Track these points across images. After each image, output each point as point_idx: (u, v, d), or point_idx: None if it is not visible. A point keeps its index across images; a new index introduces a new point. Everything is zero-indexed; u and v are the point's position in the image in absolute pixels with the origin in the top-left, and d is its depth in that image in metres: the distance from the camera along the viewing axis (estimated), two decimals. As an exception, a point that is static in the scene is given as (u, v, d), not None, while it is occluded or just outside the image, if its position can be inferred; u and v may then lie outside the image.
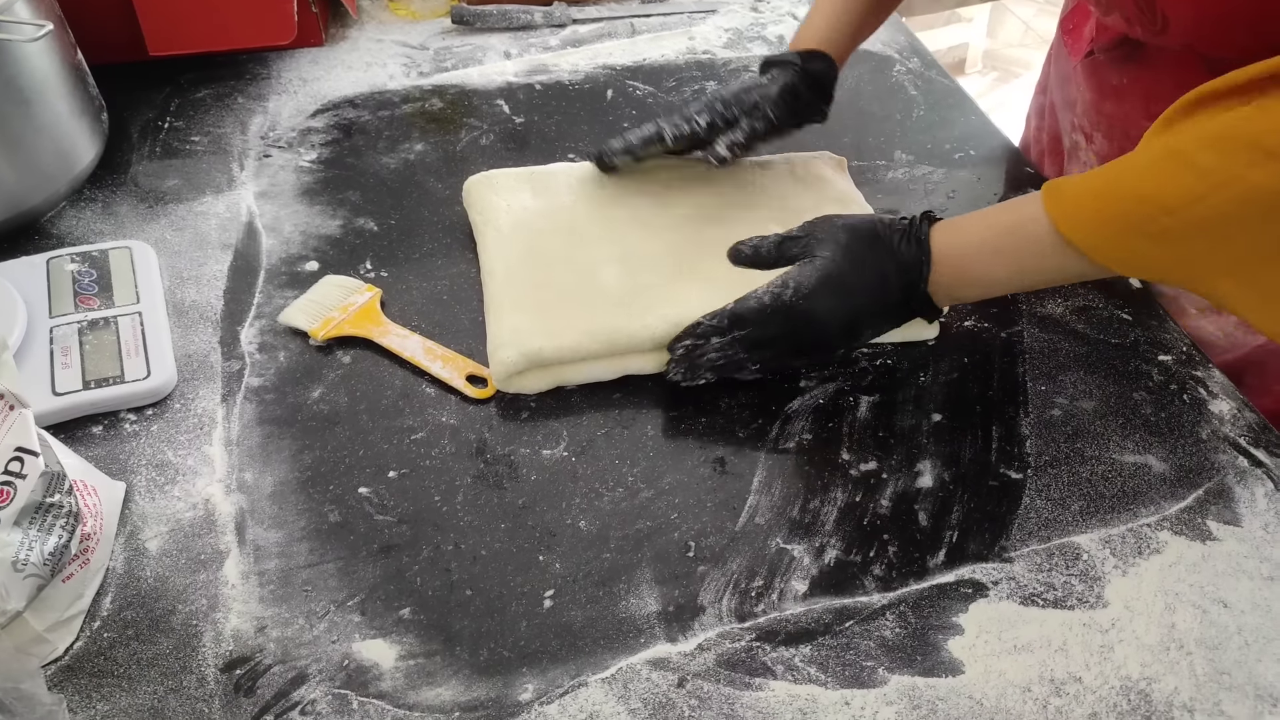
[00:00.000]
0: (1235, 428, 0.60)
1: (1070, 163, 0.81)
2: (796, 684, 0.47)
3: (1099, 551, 0.53)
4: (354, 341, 0.63)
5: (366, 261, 0.69)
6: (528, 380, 0.60)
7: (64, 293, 0.62)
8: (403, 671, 0.47)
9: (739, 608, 0.50)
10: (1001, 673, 0.48)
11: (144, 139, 0.80)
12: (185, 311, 0.65)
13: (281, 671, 0.47)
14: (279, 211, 0.73)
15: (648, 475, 0.56)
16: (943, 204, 0.76)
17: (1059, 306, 0.67)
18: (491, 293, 0.64)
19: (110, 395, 0.57)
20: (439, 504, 0.55)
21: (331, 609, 0.50)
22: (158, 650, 0.48)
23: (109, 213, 0.72)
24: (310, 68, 0.89)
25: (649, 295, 0.63)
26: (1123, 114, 0.72)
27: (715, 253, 0.62)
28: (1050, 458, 0.58)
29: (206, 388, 0.60)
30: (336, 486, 0.55)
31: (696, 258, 0.65)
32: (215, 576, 0.51)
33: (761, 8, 1.00)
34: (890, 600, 0.51)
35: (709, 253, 0.64)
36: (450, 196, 0.75)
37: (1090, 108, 0.76)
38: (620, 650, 0.49)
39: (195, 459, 0.56)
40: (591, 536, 0.53)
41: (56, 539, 0.46)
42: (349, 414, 0.59)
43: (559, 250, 0.66)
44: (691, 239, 0.67)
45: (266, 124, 0.82)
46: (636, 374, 0.61)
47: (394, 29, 0.95)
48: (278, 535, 0.53)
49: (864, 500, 0.55)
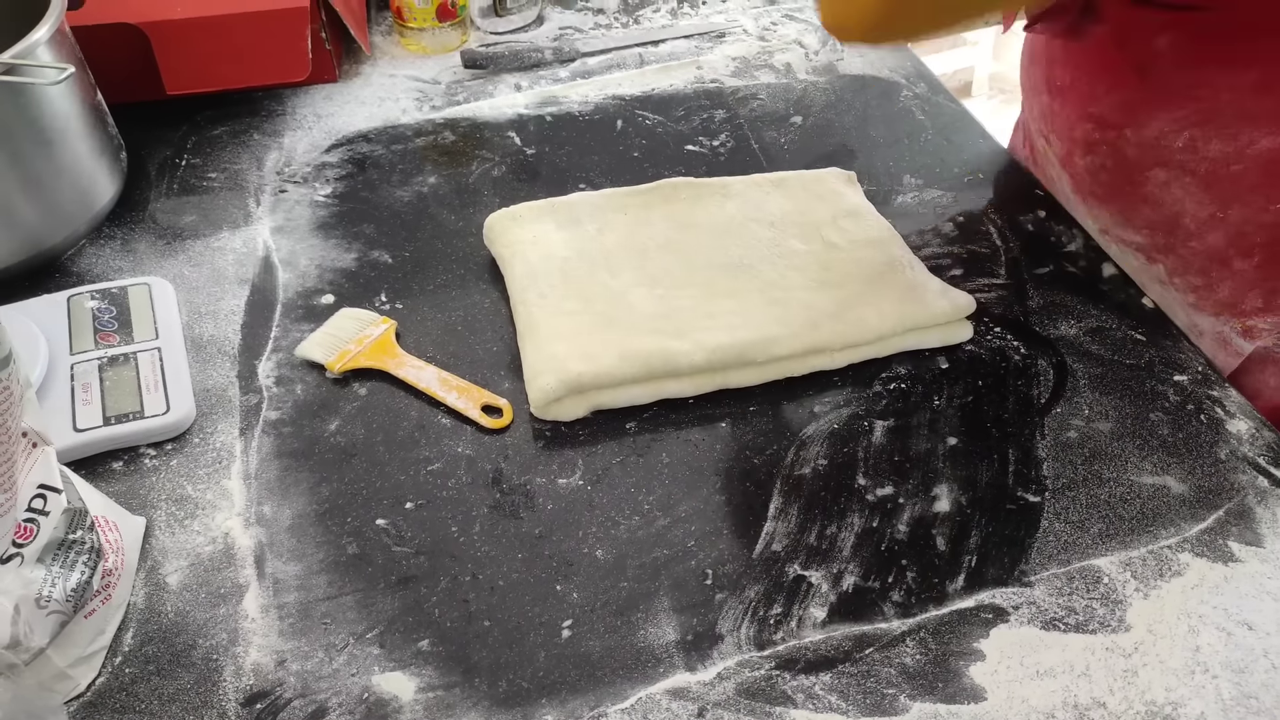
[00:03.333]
0: (1254, 447, 0.60)
1: (1045, 166, 0.82)
2: (817, 712, 0.47)
3: (1120, 574, 0.53)
4: (370, 374, 0.63)
5: (381, 294, 0.70)
6: (565, 407, 0.60)
7: (84, 330, 0.63)
8: (422, 704, 0.47)
9: (758, 636, 0.50)
10: (1024, 699, 0.48)
11: (162, 176, 0.81)
12: (203, 346, 0.66)
13: (302, 705, 0.47)
14: (295, 246, 0.74)
15: (663, 503, 0.56)
16: (953, 228, 0.77)
17: (1072, 328, 0.67)
18: (525, 322, 0.64)
19: (130, 431, 0.58)
20: (456, 535, 0.55)
21: (351, 641, 0.50)
22: (179, 685, 0.48)
23: (128, 250, 0.73)
24: (324, 103, 0.90)
25: (682, 317, 0.63)
26: (1067, 113, 0.74)
27: (742, 269, 0.63)
28: (1068, 480, 0.58)
29: (225, 422, 0.61)
30: (354, 519, 0.55)
31: (724, 276, 0.66)
32: (235, 610, 0.51)
33: (769, 36, 1.01)
34: (910, 626, 0.51)
35: (736, 270, 0.66)
36: (463, 228, 0.75)
37: (1046, 110, 0.77)
38: (639, 680, 0.48)
39: (214, 493, 0.56)
40: (609, 565, 0.53)
41: (79, 575, 0.46)
42: (366, 446, 0.59)
43: (589, 277, 0.67)
44: (717, 259, 0.68)
45: (282, 160, 0.83)
46: (673, 397, 0.62)
47: (406, 64, 0.96)
48: (297, 568, 0.53)
49: (881, 526, 0.55)
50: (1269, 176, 0.62)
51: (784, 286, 0.66)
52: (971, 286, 0.70)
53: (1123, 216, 0.73)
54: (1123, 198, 0.72)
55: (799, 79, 0.94)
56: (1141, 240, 0.71)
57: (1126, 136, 0.69)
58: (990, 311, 0.69)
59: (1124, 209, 0.73)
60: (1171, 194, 0.67)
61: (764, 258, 0.68)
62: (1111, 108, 0.70)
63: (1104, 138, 0.71)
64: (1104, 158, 0.72)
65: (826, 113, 0.90)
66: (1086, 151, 0.73)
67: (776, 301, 0.65)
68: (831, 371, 0.64)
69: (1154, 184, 0.68)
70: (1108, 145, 0.71)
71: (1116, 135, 0.70)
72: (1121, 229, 0.73)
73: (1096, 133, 0.71)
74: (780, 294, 0.65)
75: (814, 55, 0.98)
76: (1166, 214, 0.68)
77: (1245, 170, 0.62)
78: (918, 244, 0.73)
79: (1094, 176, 0.74)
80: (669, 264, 0.68)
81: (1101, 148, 0.71)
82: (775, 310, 0.64)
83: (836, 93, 0.93)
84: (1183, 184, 0.66)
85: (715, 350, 0.61)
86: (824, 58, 0.98)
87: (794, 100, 0.91)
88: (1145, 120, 0.67)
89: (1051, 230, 0.76)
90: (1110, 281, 0.71)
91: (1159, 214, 0.69)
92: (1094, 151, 0.72)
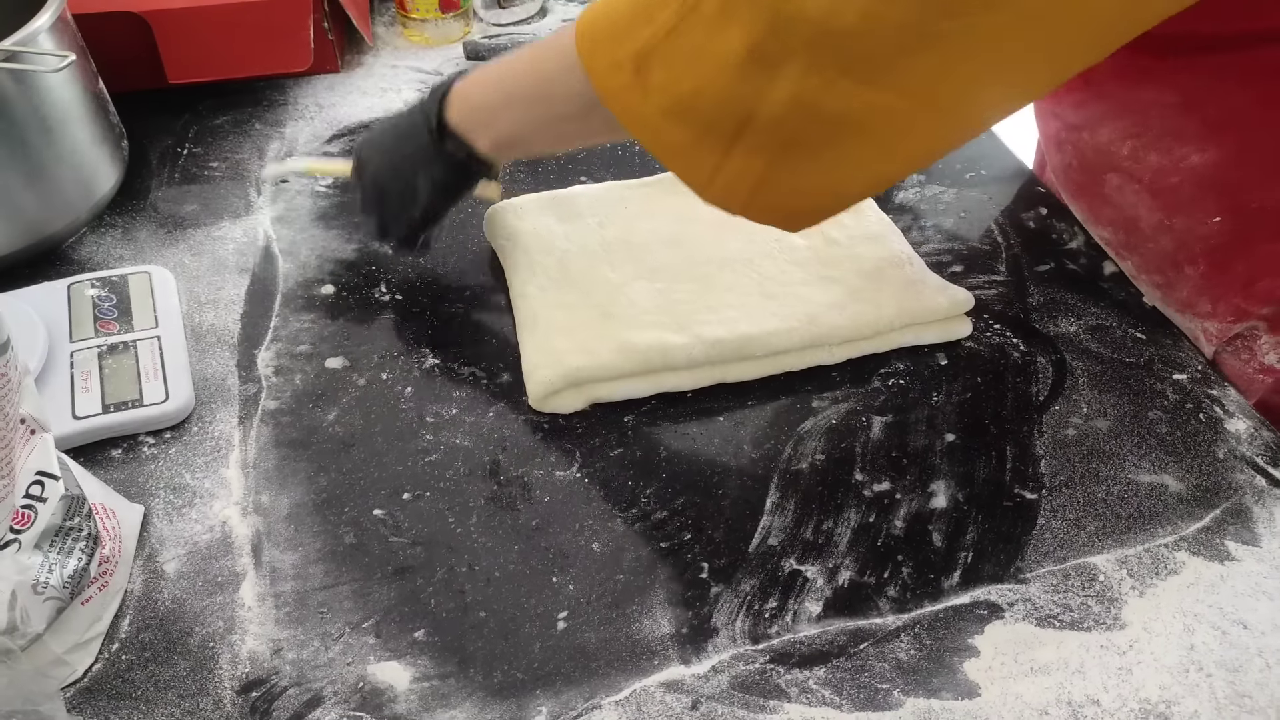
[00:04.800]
0: (1253, 447, 0.60)
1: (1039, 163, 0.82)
2: (811, 706, 0.47)
3: (1116, 572, 0.53)
4: (368, 363, 0.63)
5: (381, 285, 0.70)
6: (563, 400, 0.60)
7: (84, 318, 0.63)
8: (417, 694, 0.47)
9: (753, 629, 0.50)
10: (1018, 695, 0.48)
11: (163, 165, 0.81)
12: (203, 335, 0.66)
13: (297, 694, 0.47)
14: (295, 236, 0.74)
15: (660, 496, 0.56)
16: (954, 224, 0.76)
17: (1072, 325, 0.67)
18: (525, 314, 0.64)
19: (129, 419, 0.58)
20: (453, 526, 0.55)
21: (347, 631, 0.50)
22: (175, 672, 0.48)
23: (128, 238, 0.74)
24: (326, 94, 0.90)
25: (681, 311, 0.63)
26: (1042, 110, 0.74)
27: (742, 264, 0.63)
28: (1065, 478, 0.58)
29: (224, 411, 0.61)
30: (352, 509, 0.55)
31: (724, 271, 0.67)
32: (232, 599, 0.51)
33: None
34: (905, 622, 0.51)
35: (736, 264, 0.66)
36: (463, 220, 0.75)
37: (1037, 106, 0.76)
38: (634, 672, 0.48)
39: (212, 481, 0.57)
40: (605, 558, 0.53)
41: (76, 562, 0.47)
42: (364, 436, 0.59)
43: (589, 270, 0.67)
44: (717, 253, 0.68)
45: (283, 149, 0.83)
46: (671, 391, 0.62)
47: (408, 55, 0.96)
48: (294, 557, 0.53)
49: (877, 521, 0.55)
50: (1202, 191, 0.62)
51: (783, 281, 0.66)
52: (972, 283, 0.70)
53: (1091, 213, 0.74)
54: (1089, 195, 0.73)
55: (802, 74, 0.94)
56: (1108, 236, 0.72)
57: (1084, 139, 0.70)
58: (990, 308, 0.69)
59: (1091, 205, 0.73)
60: (1125, 198, 0.68)
61: (764, 252, 0.68)
62: (1070, 108, 0.70)
63: (1069, 137, 0.72)
64: (1070, 156, 0.73)
65: (829, 108, 0.90)
66: (1058, 149, 0.74)
67: (775, 296, 0.65)
68: (830, 367, 0.64)
69: (1110, 187, 0.69)
70: (1072, 145, 0.72)
71: (1077, 136, 0.70)
72: (1092, 225, 0.74)
73: (1064, 132, 0.72)
74: (779, 289, 0.65)
75: (817, 50, 0.98)
76: (1125, 215, 0.69)
77: (1182, 183, 0.62)
78: (918, 240, 0.73)
79: (1065, 173, 0.75)
80: (669, 258, 0.68)
81: (1068, 146, 0.72)
82: (774, 305, 0.64)
83: (839, 88, 0.92)
84: (1133, 189, 0.66)
85: (714, 344, 0.61)
86: (827, 52, 0.98)
87: (797, 95, 0.91)
88: (1096, 126, 0.68)
89: (1053, 228, 0.76)
90: (1111, 280, 0.71)
91: (1119, 215, 0.69)
92: (1062, 150, 0.73)
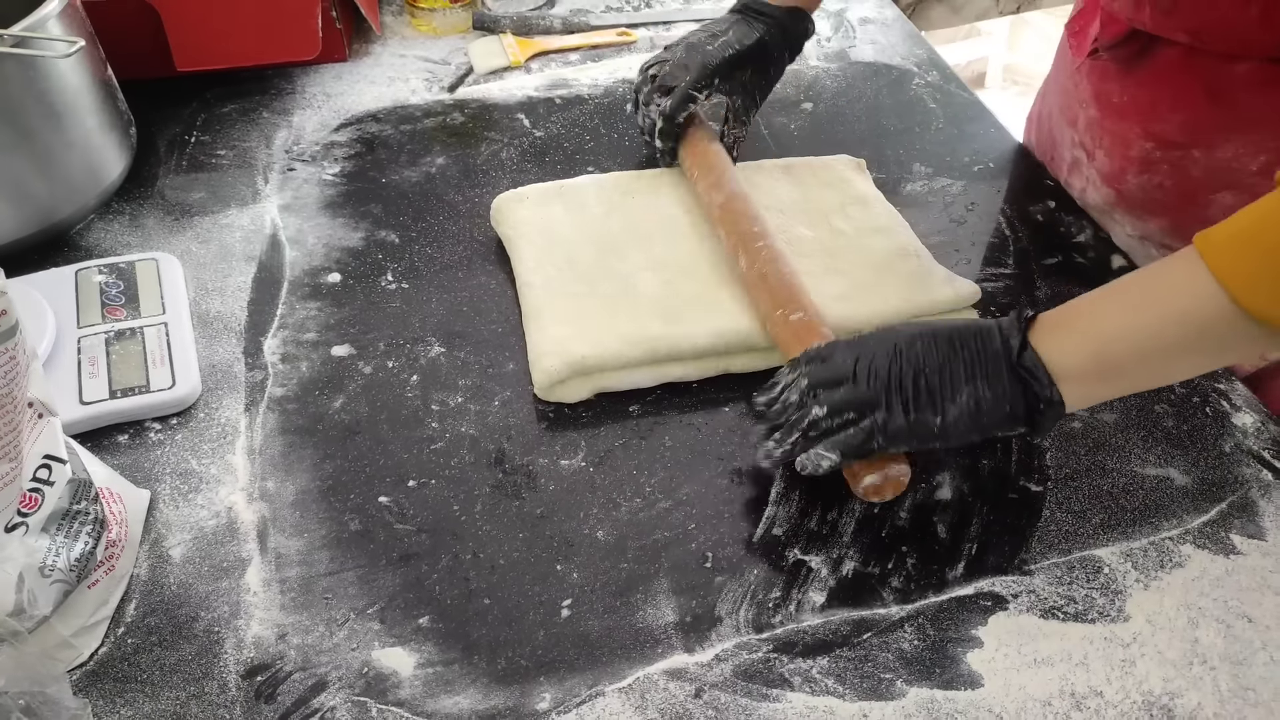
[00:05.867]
0: (1259, 441, 0.59)
1: (1071, 175, 0.81)
2: (814, 695, 0.47)
3: (1120, 565, 0.53)
4: (374, 351, 0.64)
5: (388, 274, 0.70)
6: (569, 389, 0.60)
7: (92, 304, 0.63)
8: (421, 679, 0.48)
9: (756, 619, 0.50)
10: (1022, 686, 0.48)
11: (171, 153, 0.81)
12: (210, 322, 0.66)
13: (302, 678, 0.47)
14: (302, 224, 0.74)
15: (665, 486, 0.57)
16: (962, 215, 0.76)
17: (1079, 319, 0.67)
18: (531, 304, 0.64)
19: (136, 404, 0.58)
20: (458, 513, 0.55)
21: (351, 617, 0.50)
22: (180, 656, 0.48)
23: (136, 225, 0.74)
24: (334, 83, 0.90)
25: (687, 302, 0.64)
26: (1123, 130, 0.72)
27: None
28: (1070, 470, 0.58)
29: (230, 397, 0.61)
30: (357, 495, 0.56)
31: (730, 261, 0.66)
32: (237, 584, 0.51)
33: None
34: (909, 612, 0.51)
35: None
36: (471, 210, 0.75)
37: (1093, 124, 0.75)
38: (637, 660, 0.49)
39: (218, 467, 0.57)
40: (609, 546, 0.53)
41: (83, 545, 0.47)
42: (369, 424, 0.59)
43: (595, 260, 0.67)
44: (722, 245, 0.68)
45: (291, 138, 0.83)
46: (676, 381, 0.62)
47: (416, 45, 0.96)
48: (299, 543, 0.53)
49: (882, 512, 0.55)
50: None
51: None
52: (980, 276, 0.70)
53: (1175, 229, 0.72)
54: (1178, 213, 0.71)
55: (810, 65, 0.94)
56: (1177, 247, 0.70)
57: (1194, 157, 0.68)
58: (997, 301, 0.68)
59: (1179, 222, 0.71)
60: None
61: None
62: (1176, 128, 0.68)
63: (1166, 156, 0.70)
64: (1163, 176, 0.71)
65: (837, 100, 0.90)
66: (1144, 169, 0.72)
67: None
68: (836, 358, 0.64)
69: (1218, 206, 0.67)
70: (1170, 164, 0.70)
71: (1182, 155, 0.69)
72: (1170, 238, 0.72)
73: (1158, 151, 0.70)
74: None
75: (826, 42, 0.98)
76: None
77: None
78: (926, 232, 0.73)
79: (1147, 193, 0.73)
80: (675, 248, 0.68)
81: (1163, 166, 0.70)
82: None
83: (848, 80, 0.92)
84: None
85: (719, 335, 0.61)
86: (836, 44, 0.97)
87: (805, 86, 0.91)
88: (1217, 142, 0.66)
89: (1061, 221, 0.76)
90: (1119, 273, 0.71)
91: None
92: (1152, 170, 0.71)
